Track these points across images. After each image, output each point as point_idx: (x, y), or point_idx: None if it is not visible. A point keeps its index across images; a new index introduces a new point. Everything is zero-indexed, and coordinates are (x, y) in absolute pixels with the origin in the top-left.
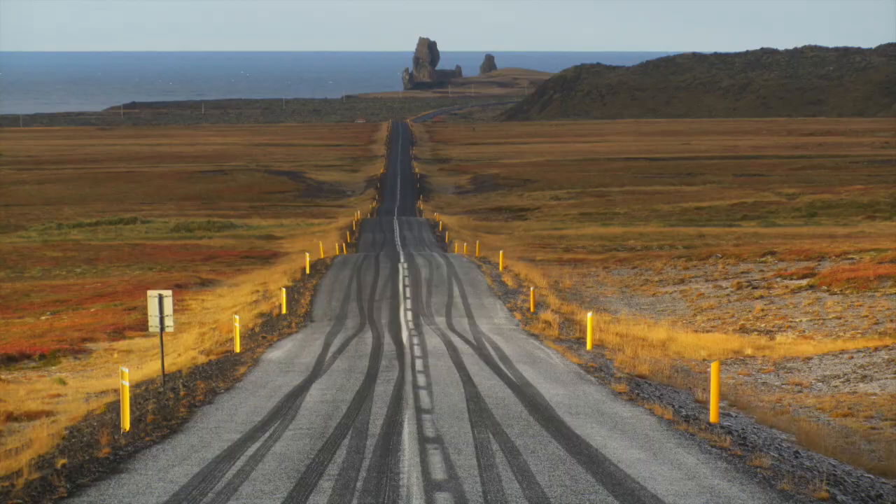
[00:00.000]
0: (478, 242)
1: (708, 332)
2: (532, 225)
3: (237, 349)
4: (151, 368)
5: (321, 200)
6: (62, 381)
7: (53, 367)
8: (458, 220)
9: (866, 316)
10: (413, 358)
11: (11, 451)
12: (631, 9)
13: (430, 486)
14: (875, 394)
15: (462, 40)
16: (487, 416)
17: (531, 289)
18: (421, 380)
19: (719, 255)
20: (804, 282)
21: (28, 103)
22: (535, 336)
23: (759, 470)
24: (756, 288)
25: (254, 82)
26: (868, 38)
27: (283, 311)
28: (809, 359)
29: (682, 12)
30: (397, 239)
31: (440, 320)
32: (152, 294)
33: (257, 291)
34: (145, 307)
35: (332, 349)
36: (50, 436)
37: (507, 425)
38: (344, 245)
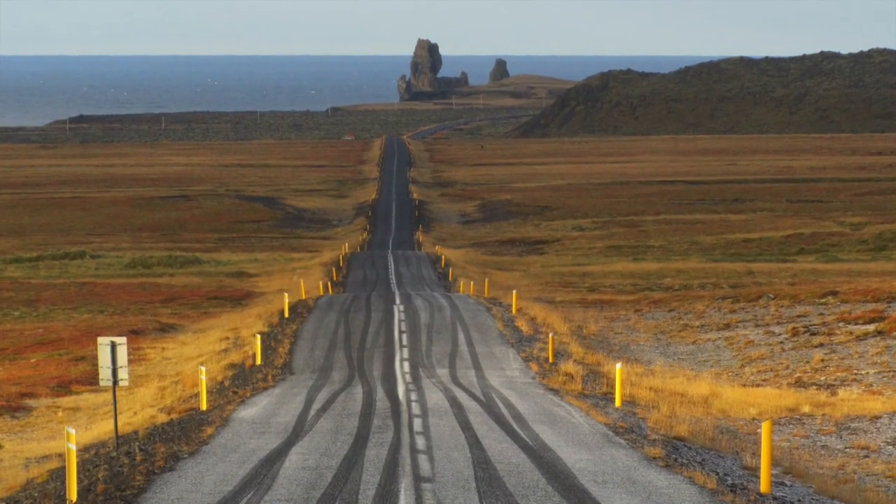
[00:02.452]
0: (487, 281)
1: (758, 386)
2: (551, 260)
3: (203, 406)
4: (103, 429)
5: (302, 231)
6: None
7: None
8: (463, 254)
9: None
10: (411, 417)
11: None
12: (667, 6)
13: None
14: None
15: (468, 43)
16: (499, 486)
17: (550, 335)
18: (420, 442)
19: (771, 296)
20: (872, 327)
21: None
22: (555, 391)
23: None
24: (815, 334)
25: (223, 92)
26: None
27: (258, 361)
28: (878, 418)
29: (726, 10)
30: (392, 276)
31: (443, 372)
32: (103, 342)
33: (227, 338)
34: (95, 357)
35: (316, 406)
36: None
37: (521, 496)
38: (329, 284)
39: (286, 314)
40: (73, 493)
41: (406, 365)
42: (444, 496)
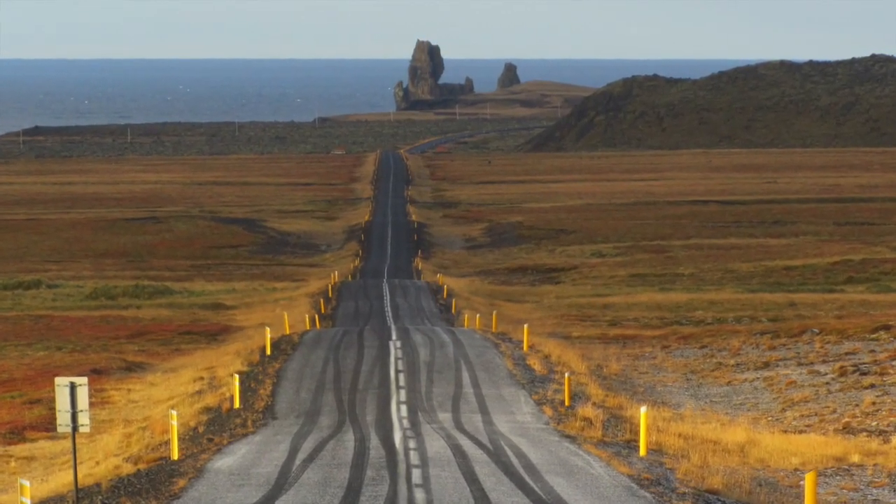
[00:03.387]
0: (495, 313)
1: (801, 432)
2: (567, 290)
3: (174, 455)
4: (61, 481)
5: (286, 258)
6: None
7: None
8: (468, 283)
9: None
10: (409, 467)
11: None
12: (697, 4)
13: None
14: None
15: (474, 45)
16: None
17: (566, 375)
18: (419, 497)
19: (816, 331)
20: None
21: None
22: (572, 438)
23: None
24: (865, 374)
25: (196, 100)
26: None
27: (236, 404)
28: None
29: (765, 8)
30: (388, 309)
31: (445, 417)
32: (62, 382)
33: (202, 379)
34: (52, 399)
35: (302, 456)
36: None
37: None
38: (317, 317)
39: (268, 351)
40: None
41: (403, 409)
42: None
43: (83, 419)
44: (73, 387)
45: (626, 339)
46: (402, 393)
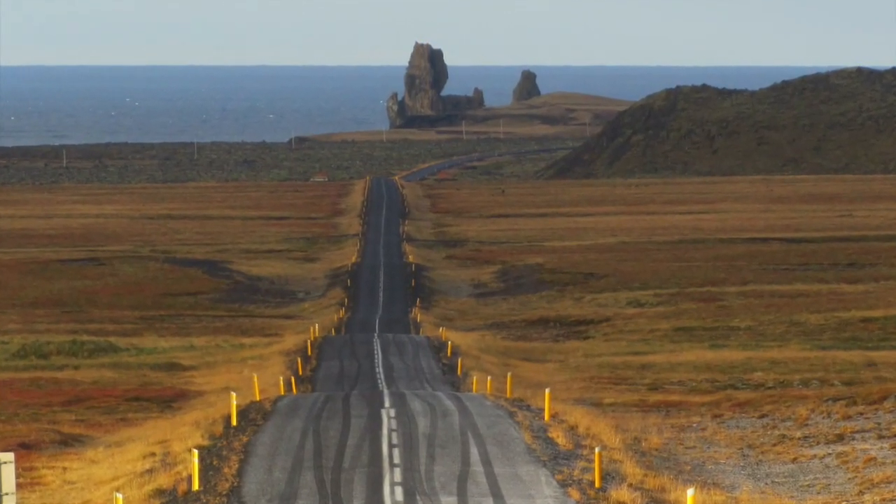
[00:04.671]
0: (510, 375)
1: None
2: (598, 347)
3: None
4: None
5: (256, 307)
6: None
7: None
8: (477, 339)
9: None
10: None
11: None
12: (754, 2)
13: None
14: None
15: (483, 49)
16: None
17: (596, 450)
18: None
19: None
20: None
21: None
22: None
23: None
24: None
25: (147, 115)
26: None
27: (195, 486)
28: None
29: (838, 7)
30: (379, 370)
31: (449, 501)
32: None
33: (153, 455)
34: None
35: None
36: None
37: None
38: (293, 380)
39: (234, 421)
40: None
41: (398, 491)
42: None
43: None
44: None
45: (670, 407)
46: (397, 472)
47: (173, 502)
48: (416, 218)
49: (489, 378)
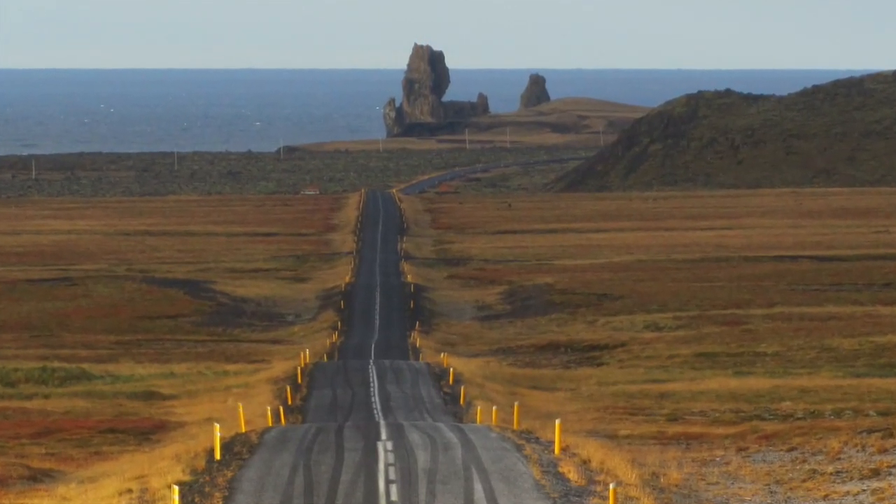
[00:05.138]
0: (517, 405)
1: None
2: (612, 374)
3: None
4: None
5: (241, 331)
6: None
7: None
8: (481, 365)
9: None
10: None
11: None
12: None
13: None
14: None
15: (488, 51)
16: None
17: (611, 486)
18: None
19: None
20: None
21: None
22: None
23: None
24: None
25: (123, 122)
26: None
27: None
28: None
29: (871, 3)
30: (375, 399)
31: None
32: None
33: (130, 491)
34: None
35: None
36: None
37: None
38: (282, 410)
39: (217, 455)
40: None
41: None
42: None
43: None
44: None
45: (691, 440)
46: None
47: None
48: (416, 234)
49: (494, 408)
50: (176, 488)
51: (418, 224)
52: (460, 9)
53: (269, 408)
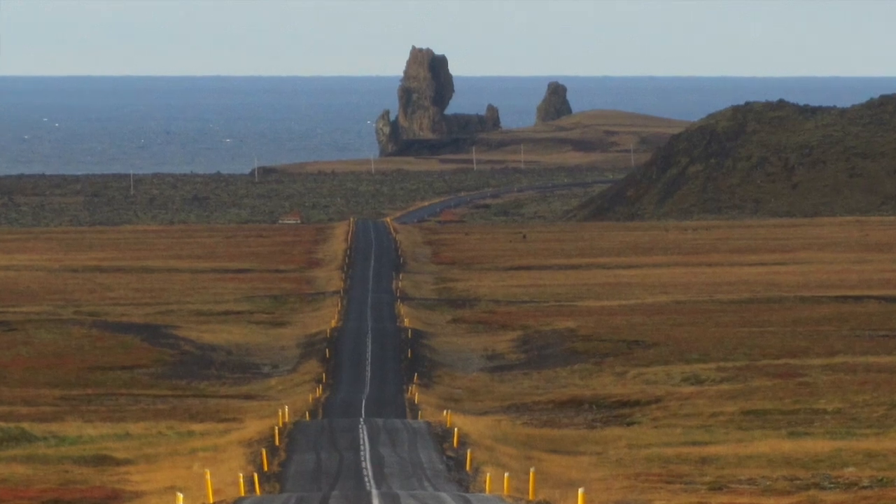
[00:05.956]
0: (533, 471)
1: None
2: (645, 435)
3: None
4: None
5: (209, 384)
6: None
7: None
8: (490, 424)
9: None
10: None
11: None
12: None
13: None
14: None
15: (498, 56)
16: None
17: None
18: None
19: None
20: None
21: None
22: None
23: None
24: None
25: (70, 139)
26: None
27: None
28: None
29: None
30: (366, 464)
31: None
32: None
33: None
34: None
35: None
36: None
37: None
38: (256, 478)
39: None
40: None
41: None
42: None
43: None
44: None
45: None
46: None
47: None
48: (414, 270)
49: (506, 475)
50: None
51: (417, 259)
52: (465, 7)
53: (241, 474)
